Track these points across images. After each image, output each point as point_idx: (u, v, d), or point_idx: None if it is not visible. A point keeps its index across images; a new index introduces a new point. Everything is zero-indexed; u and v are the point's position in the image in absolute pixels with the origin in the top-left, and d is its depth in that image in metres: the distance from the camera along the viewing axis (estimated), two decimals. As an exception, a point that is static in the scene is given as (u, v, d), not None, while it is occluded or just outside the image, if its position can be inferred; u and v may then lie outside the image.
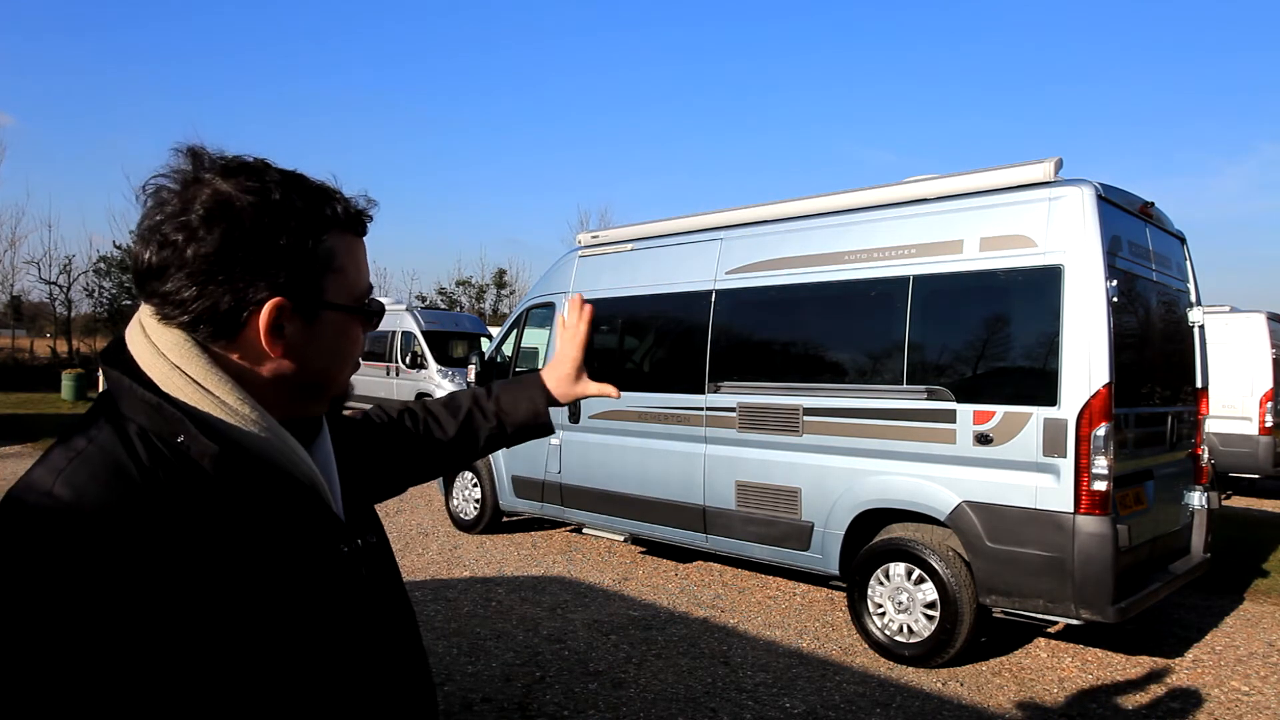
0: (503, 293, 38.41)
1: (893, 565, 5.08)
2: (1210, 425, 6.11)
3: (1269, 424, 10.74)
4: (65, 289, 29.70)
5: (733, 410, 5.93)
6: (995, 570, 4.65)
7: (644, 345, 6.91)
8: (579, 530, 7.40)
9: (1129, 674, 4.88)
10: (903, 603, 5.00)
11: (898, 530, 5.15)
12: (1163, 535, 5.20)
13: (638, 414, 6.51)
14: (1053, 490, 4.47)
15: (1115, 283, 4.49)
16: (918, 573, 4.95)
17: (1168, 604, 6.02)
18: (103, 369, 0.95)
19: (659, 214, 15.38)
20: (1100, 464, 4.36)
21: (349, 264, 1.01)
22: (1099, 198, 4.60)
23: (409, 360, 17.55)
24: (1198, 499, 5.55)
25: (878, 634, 5.07)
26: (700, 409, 6.12)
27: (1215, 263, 44.15)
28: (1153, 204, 5.32)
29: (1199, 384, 5.75)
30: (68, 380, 20.54)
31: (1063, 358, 4.48)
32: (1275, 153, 55.31)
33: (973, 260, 4.89)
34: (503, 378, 3.79)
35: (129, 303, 28.65)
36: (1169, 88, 62.56)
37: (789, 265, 5.76)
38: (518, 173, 62.10)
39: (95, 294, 30.63)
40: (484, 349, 8.55)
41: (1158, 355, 5.39)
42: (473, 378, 7.90)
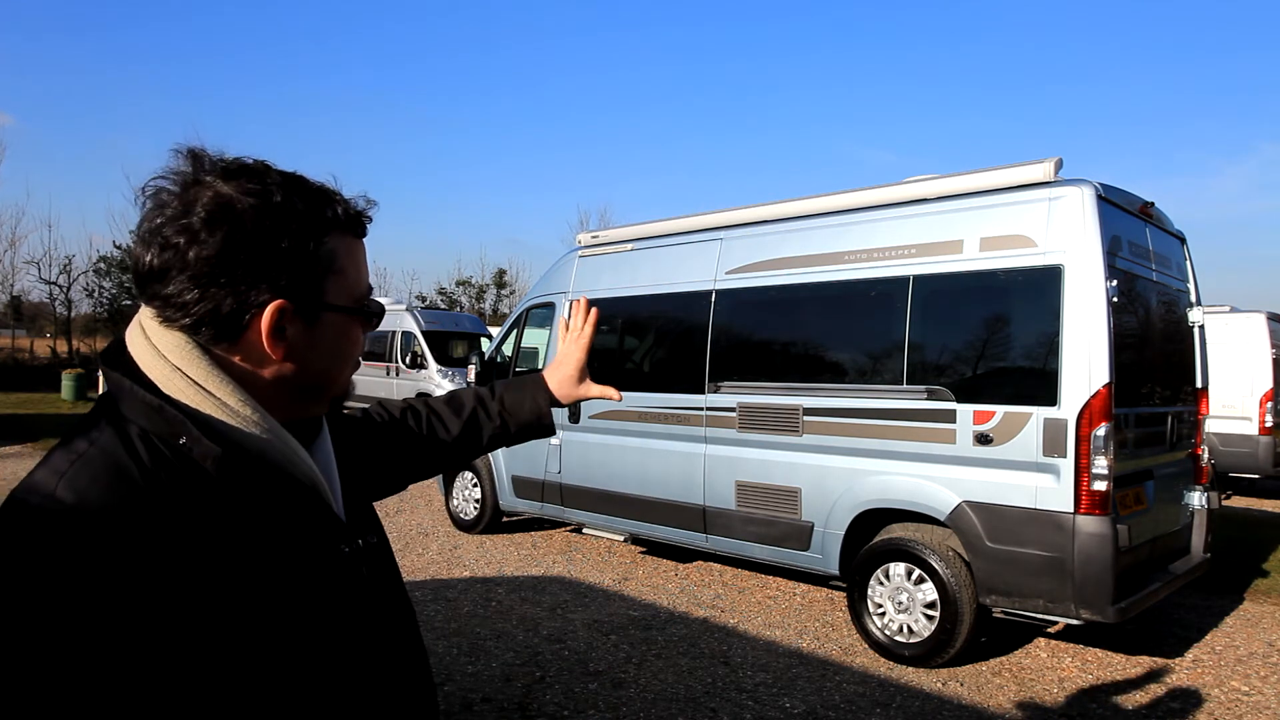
0: (503, 293, 38.43)
1: (893, 565, 5.08)
2: (1210, 425, 6.11)
3: (1269, 424, 10.74)
4: (65, 289, 29.75)
5: (733, 410, 5.93)
6: (995, 570, 4.65)
7: (644, 345, 6.91)
8: (579, 530, 7.40)
9: (1129, 674, 4.88)
10: (903, 603, 5.00)
11: (898, 530, 5.15)
12: (1163, 535, 5.20)
13: (638, 414, 6.51)
14: (1053, 490, 4.47)
15: (1115, 283, 4.49)
16: (918, 573, 4.95)
17: (1168, 604, 6.02)
18: (103, 371, 0.95)
19: (659, 214, 15.40)
20: (1100, 464, 4.36)
21: (349, 265, 1.02)
22: (1099, 198, 4.60)
23: (409, 360, 17.56)
24: (1198, 499, 5.55)
25: (878, 634, 5.07)
26: (700, 409, 6.12)
27: (1215, 263, 44.25)
28: (1153, 204, 5.32)
29: (1199, 384, 5.76)
30: (68, 380, 20.56)
31: (1063, 358, 4.48)
32: (1275, 153, 55.40)
33: (973, 260, 4.89)
34: (503, 378, 3.80)
35: (129, 303, 28.64)
36: (1169, 88, 62.70)
37: (789, 265, 5.76)
38: (518, 173, 62.19)
39: (95, 294, 30.69)
40: (484, 349, 8.56)
41: (1158, 355, 5.39)
42: (473, 378, 7.90)
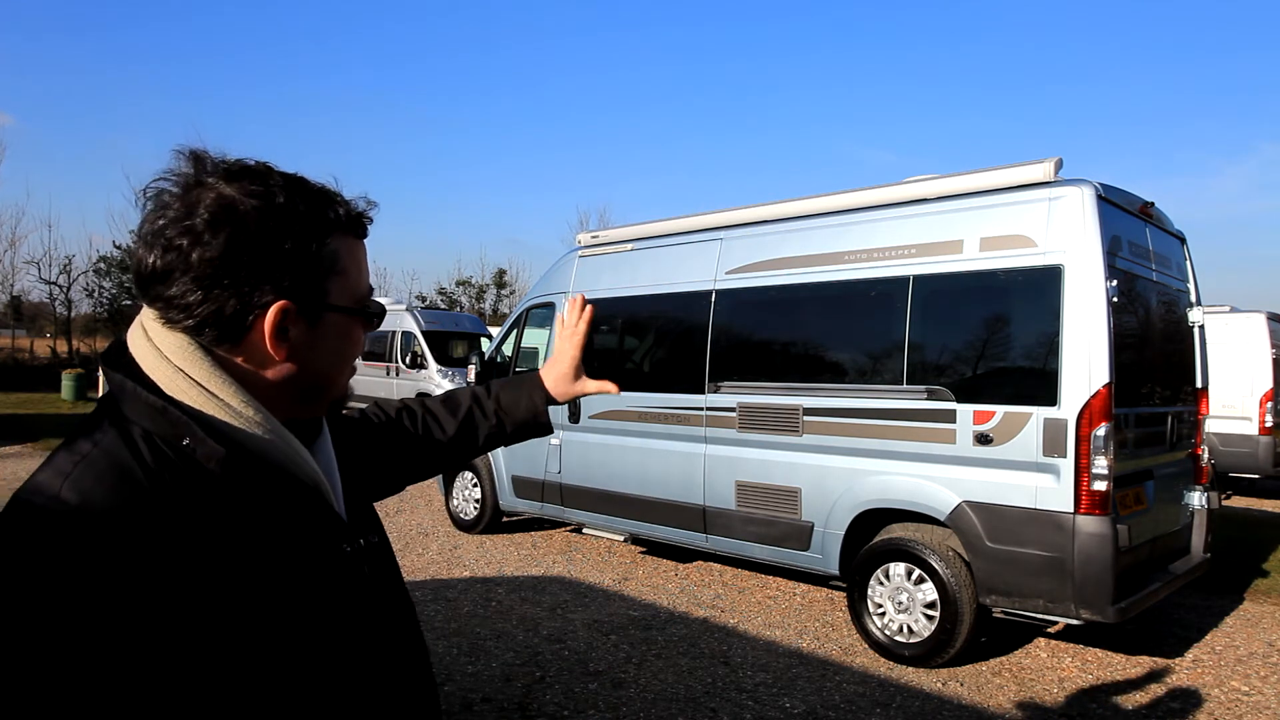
0: (503, 293, 38.42)
1: (893, 565, 5.08)
2: (1210, 425, 6.12)
3: (1269, 424, 10.74)
4: (65, 289, 29.73)
5: (733, 410, 5.93)
6: (995, 570, 4.65)
7: (644, 345, 6.91)
8: (579, 530, 7.40)
9: (1129, 674, 4.88)
10: (903, 603, 5.00)
11: (898, 530, 5.15)
12: (1163, 535, 5.20)
13: (638, 414, 6.51)
14: (1053, 490, 4.47)
15: (1115, 283, 4.49)
16: (918, 573, 4.95)
17: (1168, 604, 6.02)
18: (105, 372, 0.95)
19: (659, 214, 15.42)
20: (1100, 464, 4.36)
21: (351, 266, 1.02)
22: (1099, 198, 4.60)
23: (409, 360, 17.57)
24: (1198, 499, 5.55)
25: (878, 634, 5.07)
26: (700, 409, 6.12)
27: (1215, 263, 44.25)
28: (1153, 204, 5.32)
29: (1199, 384, 5.76)
30: (68, 380, 20.55)
31: (1063, 358, 4.48)
32: (1275, 153, 55.40)
33: (973, 260, 4.89)
34: (502, 378, 3.80)
35: (129, 303, 28.64)
36: (1169, 88, 62.69)
37: (789, 265, 5.76)
38: (518, 173, 62.17)
39: (95, 294, 30.67)
40: (484, 349, 8.56)
41: (1158, 355, 5.39)
42: (473, 378, 7.91)
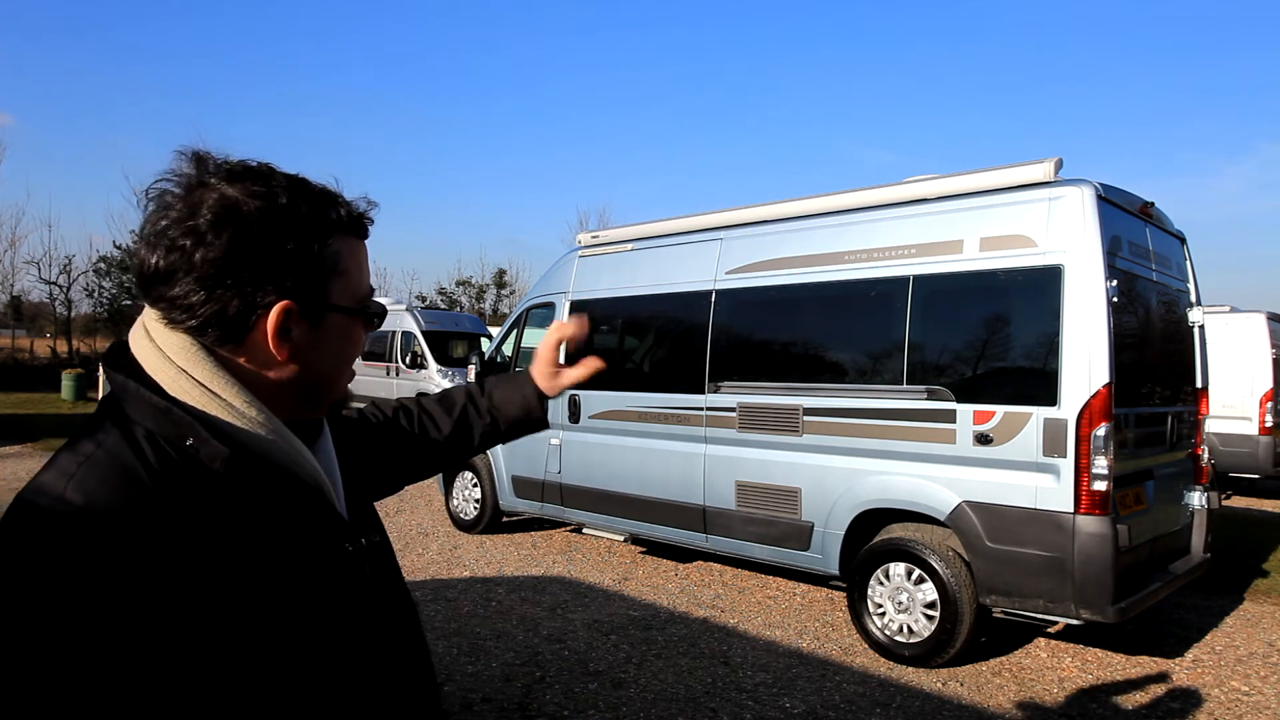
0: (503, 293, 38.41)
1: (893, 565, 5.08)
2: (1210, 425, 6.12)
3: (1269, 424, 10.74)
4: (65, 289, 29.71)
5: (733, 410, 5.93)
6: (995, 570, 4.65)
7: (644, 345, 6.91)
8: (579, 530, 7.41)
9: (1129, 674, 4.88)
10: (903, 603, 5.00)
11: (898, 530, 5.15)
12: (1163, 535, 5.21)
13: (638, 414, 6.51)
14: (1053, 490, 4.47)
15: (1115, 283, 4.50)
16: (918, 573, 4.96)
17: (1168, 604, 6.03)
18: (107, 373, 0.96)
19: (659, 214, 15.40)
20: (1100, 464, 4.37)
21: (353, 266, 1.02)
22: (1099, 198, 4.60)
23: (409, 360, 17.56)
24: (1198, 499, 5.55)
25: (878, 634, 5.08)
26: (700, 409, 6.13)
27: (1215, 263, 44.20)
28: (1153, 204, 5.32)
29: (1199, 384, 5.76)
30: (68, 380, 20.56)
31: (1063, 358, 4.48)
32: (1275, 153, 55.40)
33: (973, 260, 4.90)
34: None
35: (129, 303, 28.63)
36: (1169, 88, 62.68)
37: (789, 265, 5.76)
38: (518, 173, 62.12)
39: (95, 294, 30.63)
40: (484, 349, 8.56)
41: (1158, 355, 5.39)
42: (473, 378, 7.90)
